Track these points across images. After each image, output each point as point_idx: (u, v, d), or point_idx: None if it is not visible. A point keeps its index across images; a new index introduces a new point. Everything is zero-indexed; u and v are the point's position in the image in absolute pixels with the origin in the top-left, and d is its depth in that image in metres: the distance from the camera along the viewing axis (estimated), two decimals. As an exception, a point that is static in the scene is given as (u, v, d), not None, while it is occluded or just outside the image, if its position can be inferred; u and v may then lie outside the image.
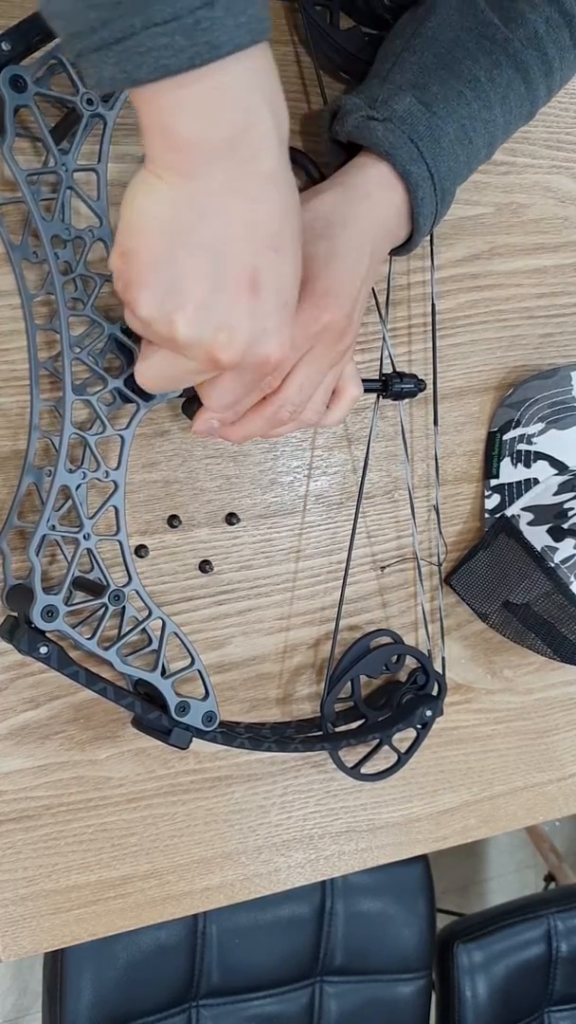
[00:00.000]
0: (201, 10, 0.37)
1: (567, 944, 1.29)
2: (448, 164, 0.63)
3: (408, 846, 0.83)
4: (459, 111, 0.63)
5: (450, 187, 0.64)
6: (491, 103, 0.65)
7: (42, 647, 0.59)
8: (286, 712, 0.77)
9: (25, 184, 0.57)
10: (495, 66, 0.65)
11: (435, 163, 0.62)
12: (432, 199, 0.63)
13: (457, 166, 0.64)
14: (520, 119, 0.68)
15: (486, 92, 0.64)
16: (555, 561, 0.77)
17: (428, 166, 0.62)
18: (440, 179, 0.63)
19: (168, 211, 0.43)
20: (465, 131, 0.64)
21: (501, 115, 0.66)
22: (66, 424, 0.60)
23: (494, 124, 0.66)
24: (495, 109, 0.65)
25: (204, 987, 1.13)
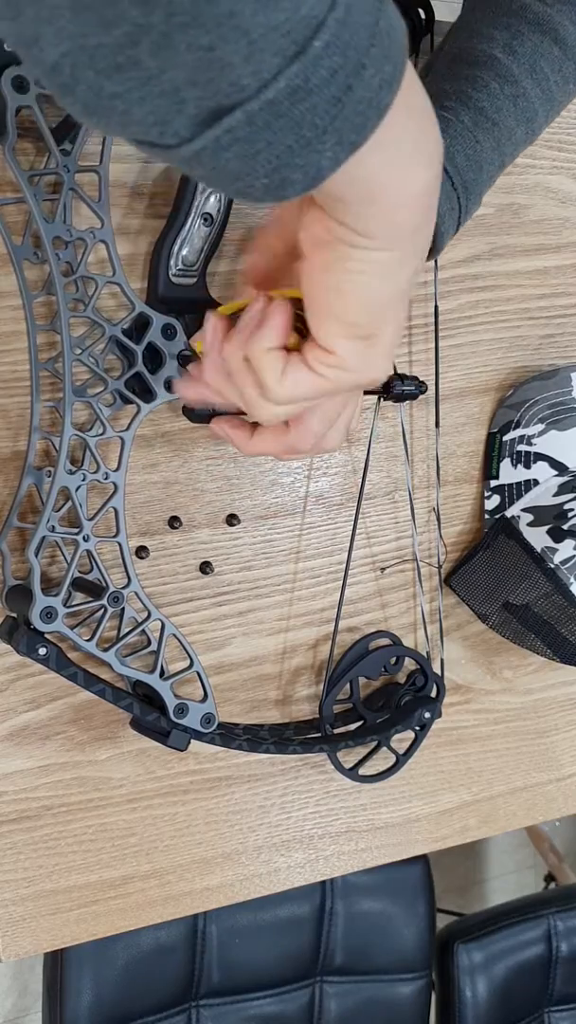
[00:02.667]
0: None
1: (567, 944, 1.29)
2: (465, 153, 0.58)
3: (408, 846, 0.84)
4: (474, 96, 0.59)
5: (474, 178, 0.60)
6: (516, 77, 0.60)
7: (41, 648, 0.59)
8: (285, 713, 0.77)
9: (27, 185, 0.57)
10: (514, 37, 0.60)
11: (447, 155, 0.57)
12: (450, 193, 0.59)
13: (479, 152, 0.59)
14: (568, 83, 0.62)
15: (506, 67, 0.60)
16: (555, 562, 0.77)
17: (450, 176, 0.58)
18: (459, 171, 0.58)
19: (392, 283, 0.41)
20: (484, 114, 0.59)
21: (533, 86, 0.61)
22: (66, 425, 0.60)
23: (525, 98, 0.60)
24: (523, 82, 0.60)
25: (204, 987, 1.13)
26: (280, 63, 0.30)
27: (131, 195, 0.67)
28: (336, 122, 0.32)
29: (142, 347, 0.62)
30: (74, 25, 0.28)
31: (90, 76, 0.30)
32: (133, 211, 0.67)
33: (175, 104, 0.31)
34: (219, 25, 0.28)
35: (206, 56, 0.29)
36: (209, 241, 0.66)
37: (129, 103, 0.30)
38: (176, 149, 0.32)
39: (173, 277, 0.66)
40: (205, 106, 0.31)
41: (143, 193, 0.67)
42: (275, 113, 0.31)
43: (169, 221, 0.66)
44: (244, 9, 0.28)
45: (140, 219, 0.67)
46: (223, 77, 0.30)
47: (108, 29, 0.28)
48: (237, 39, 0.29)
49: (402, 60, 0.34)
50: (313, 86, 0.31)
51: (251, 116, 0.31)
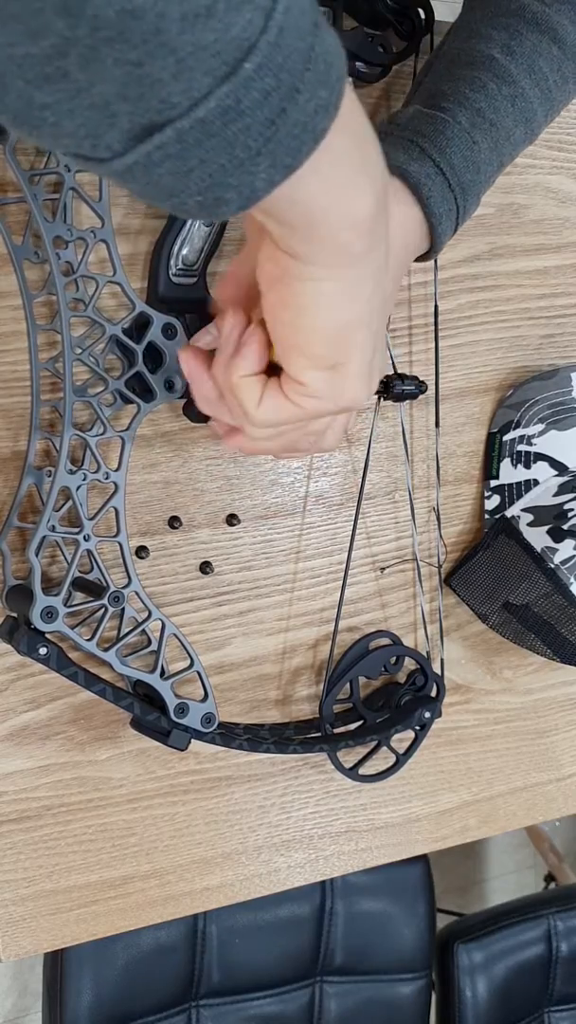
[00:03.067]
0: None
1: (567, 944, 1.29)
2: (462, 154, 0.58)
3: (408, 846, 0.84)
4: (472, 96, 0.59)
5: (472, 179, 0.59)
6: (514, 77, 0.59)
7: (41, 648, 0.59)
8: (285, 713, 0.77)
9: (27, 184, 0.57)
10: (513, 37, 0.60)
11: (444, 156, 0.57)
12: (447, 194, 0.58)
13: (476, 153, 0.59)
14: (567, 82, 0.62)
15: (504, 67, 0.59)
16: (555, 562, 0.77)
17: (435, 161, 0.57)
18: (456, 172, 0.58)
19: (347, 310, 0.41)
20: (482, 115, 0.59)
21: (531, 86, 0.60)
22: (67, 425, 0.60)
23: (523, 98, 0.60)
24: (521, 82, 0.60)
25: (204, 987, 1.13)
26: (210, 83, 0.30)
27: (131, 195, 0.66)
28: (270, 144, 0.32)
29: (142, 347, 0.62)
30: (1, 35, 0.28)
31: (19, 85, 0.29)
32: (133, 211, 0.67)
33: (106, 118, 0.31)
34: (145, 42, 0.28)
35: (135, 71, 0.29)
36: (209, 241, 0.66)
37: (59, 115, 0.30)
38: (108, 163, 0.32)
39: (173, 277, 0.66)
40: (136, 121, 0.31)
41: (143, 193, 0.67)
42: (206, 132, 0.31)
43: (169, 221, 0.66)
44: (171, 27, 0.28)
45: (140, 219, 0.67)
46: (153, 93, 0.30)
47: (35, 40, 0.28)
48: (164, 56, 0.29)
49: (339, 85, 0.34)
50: (245, 107, 0.31)
51: (182, 134, 0.31)
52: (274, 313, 0.42)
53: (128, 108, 0.30)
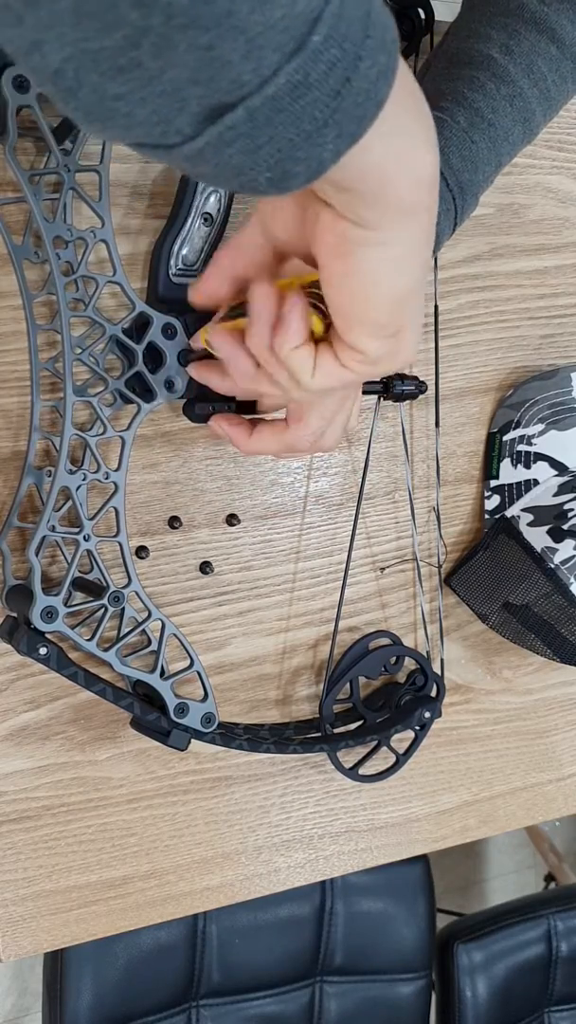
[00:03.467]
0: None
1: (567, 944, 1.29)
2: (461, 154, 0.58)
3: (407, 846, 0.84)
4: (470, 96, 0.59)
5: (470, 178, 0.59)
6: (512, 77, 0.60)
7: (41, 648, 0.59)
8: (285, 713, 0.77)
9: (27, 184, 0.57)
10: (511, 36, 0.60)
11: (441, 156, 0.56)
12: (445, 194, 0.58)
13: (474, 153, 0.59)
14: (566, 82, 0.62)
15: (503, 67, 0.59)
16: (555, 562, 0.77)
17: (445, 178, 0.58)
18: (454, 172, 0.58)
19: (409, 273, 0.42)
20: (480, 115, 0.59)
21: (530, 86, 0.60)
22: (67, 425, 0.60)
23: (522, 97, 0.60)
24: (520, 82, 0.60)
25: (204, 987, 1.13)
26: (279, 59, 0.30)
27: (131, 195, 0.67)
28: (336, 115, 0.32)
29: (142, 347, 0.62)
30: (75, 30, 0.28)
31: (93, 79, 0.30)
32: (133, 211, 0.67)
33: (177, 103, 0.31)
34: (217, 25, 0.28)
35: (206, 55, 0.29)
36: (209, 241, 0.66)
37: (132, 104, 0.31)
38: (179, 148, 0.33)
39: (173, 277, 0.66)
40: (207, 104, 0.31)
41: (143, 193, 0.67)
42: (276, 108, 0.31)
43: (169, 221, 0.66)
44: (241, 8, 0.28)
45: (140, 219, 0.67)
46: (224, 75, 0.30)
47: (109, 32, 0.28)
48: (235, 37, 0.29)
49: (395, 49, 0.34)
50: (313, 80, 0.31)
51: (252, 112, 0.31)
52: (336, 285, 0.42)
53: (199, 91, 0.31)
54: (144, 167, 0.67)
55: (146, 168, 0.67)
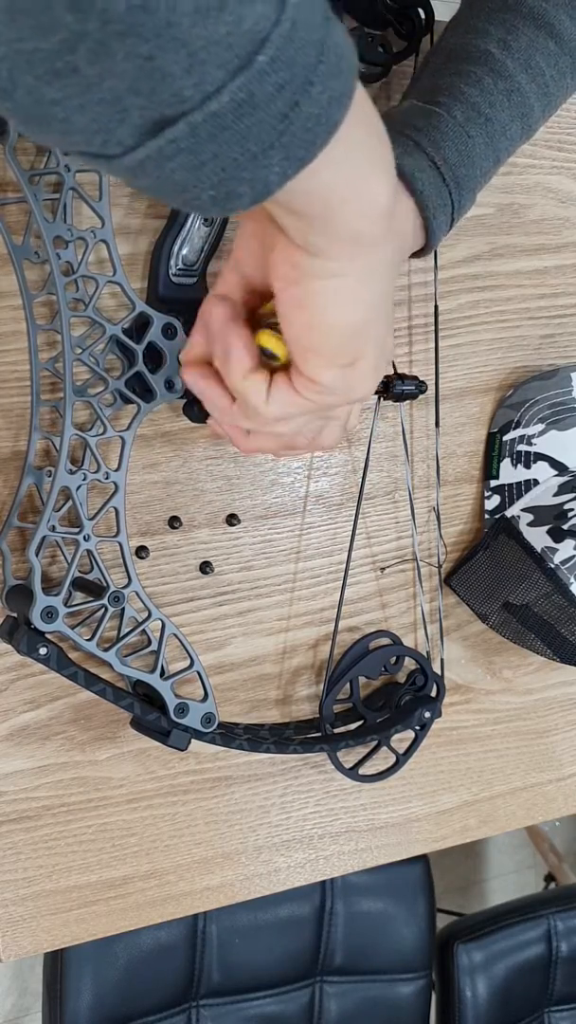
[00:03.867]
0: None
1: (567, 944, 1.29)
2: (456, 148, 0.58)
3: (407, 846, 0.84)
4: (467, 91, 0.58)
5: (467, 173, 0.59)
6: (510, 72, 0.59)
7: (41, 648, 0.59)
8: (285, 713, 0.77)
9: (27, 184, 0.57)
10: (509, 32, 0.60)
11: (438, 150, 0.57)
12: (440, 188, 0.57)
13: (471, 148, 0.58)
14: (564, 77, 0.61)
15: (500, 62, 0.59)
16: (555, 562, 0.77)
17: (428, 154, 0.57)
18: (450, 166, 0.57)
19: (364, 304, 0.42)
20: (477, 109, 0.58)
21: (528, 81, 0.59)
22: (67, 425, 0.60)
23: (520, 93, 0.59)
24: (517, 77, 0.59)
25: (204, 987, 1.13)
26: (223, 76, 0.30)
27: (131, 195, 0.67)
28: (284, 137, 0.32)
29: (142, 347, 0.62)
30: (9, 29, 0.28)
31: (29, 81, 0.29)
32: (133, 211, 0.67)
33: (117, 113, 0.30)
34: (157, 35, 0.28)
35: (146, 65, 0.29)
36: (209, 241, 0.66)
37: (69, 110, 0.30)
38: (120, 159, 0.32)
39: (173, 277, 0.66)
40: (148, 116, 0.30)
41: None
42: (219, 126, 0.31)
43: (169, 221, 0.66)
44: (182, 20, 0.28)
45: (140, 219, 0.67)
46: (164, 87, 0.30)
47: (44, 34, 0.28)
48: (176, 50, 0.28)
49: (351, 77, 0.34)
50: (259, 101, 0.31)
51: (194, 128, 0.31)
52: (290, 315, 0.42)
53: (139, 103, 0.30)
54: (144, 167, 0.67)
55: (146, 168, 0.67)
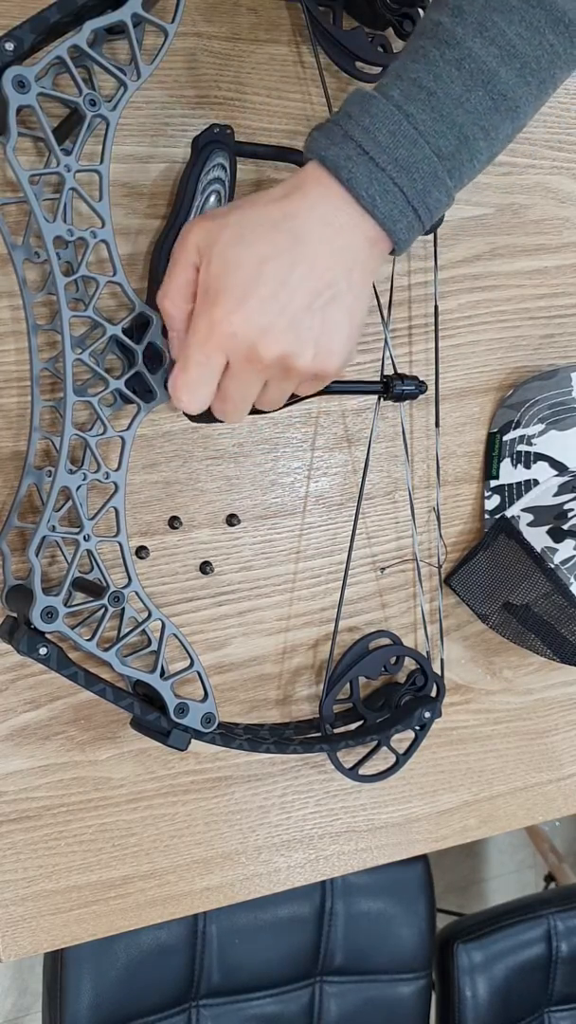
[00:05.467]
0: None
1: (567, 944, 1.29)
2: (389, 130, 0.52)
3: (408, 846, 0.84)
4: (410, 67, 0.53)
5: (409, 153, 0.53)
6: (458, 39, 0.53)
7: (41, 648, 0.59)
8: (285, 713, 0.77)
9: (27, 184, 0.57)
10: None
11: (367, 134, 0.52)
12: (375, 173, 0.52)
13: (410, 127, 0.52)
14: (539, 34, 0.53)
15: (448, 30, 0.53)
16: (555, 562, 0.77)
17: (356, 140, 0.52)
18: (382, 148, 0.52)
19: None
20: (419, 84, 0.53)
21: (483, 45, 0.52)
22: (67, 425, 0.60)
23: (472, 59, 0.53)
24: (467, 43, 0.53)
25: (204, 987, 1.13)
26: None
27: (131, 195, 0.67)
28: None
29: (142, 347, 0.62)
30: None
31: None
32: (133, 211, 0.67)
33: None
34: None
35: None
36: (209, 241, 0.66)
37: None
38: None
39: (173, 277, 0.66)
40: None
41: (143, 193, 0.67)
42: None
43: (169, 221, 0.66)
44: None
45: (140, 219, 0.67)
46: None
47: None
48: None
49: None
50: None
51: None
52: None
53: None
54: (144, 167, 0.67)
55: (146, 168, 0.67)
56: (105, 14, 0.58)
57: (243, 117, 0.70)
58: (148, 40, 0.63)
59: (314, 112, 0.73)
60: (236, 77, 0.70)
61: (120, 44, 0.64)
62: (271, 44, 0.71)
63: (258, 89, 0.71)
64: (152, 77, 0.62)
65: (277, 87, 0.72)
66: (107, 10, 0.58)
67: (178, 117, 0.68)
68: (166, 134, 0.67)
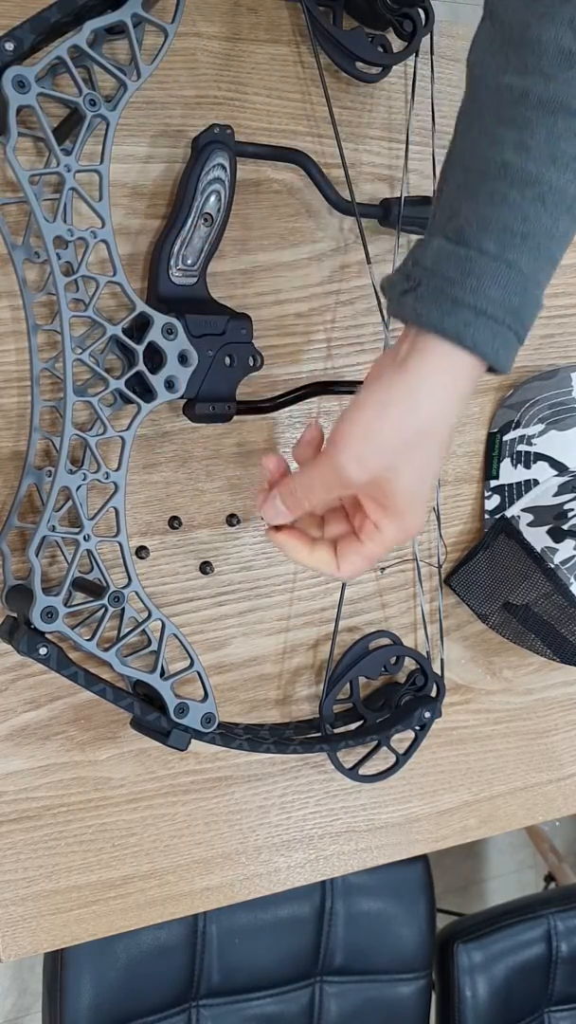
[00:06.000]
0: None
1: (567, 944, 1.29)
2: (498, 283, 0.53)
3: (408, 846, 0.84)
4: (493, 214, 0.54)
5: (522, 299, 0.54)
6: (535, 177, 0.54)
7: (41, 648, 0.59)
8: (285, 713, 0.77)
9: (27, 184, 0.57)
10: (523, 130, 0.53)
11: (479, 296, 0.53)
12: (496, 329, 0.54)
13: (515, 273, 0.54)
14: None
15: (521, 169, 0.54)
16: (555, 562, 0.77)
17: (471, 305, 0.53)
18: (496, 304, 0.53)
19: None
20: (510, 230, 0.54)
21: (559, 174, 0.54)
22: (67, 425, 0.60)
23: (555, 191, 0.54)
24: (546, 176, 0.54)
25: (204, 987, 1.13)
26: None
27: (131, 195, 0.67)
28: None
29: (143, 347, 0.62)
30: None
31: None
32: (133, 211, 0.67)
33: None
34: None
35: None
36: (209, 241, 0.66)
37: None
38: None
39: (173, 277, 0.66)
40: None
41: (143, 193, 0.67)
42: None
43: (169, 221, 0.66)
44: None
45: (140, 219, 0.67)
46: None
47: None
48: None
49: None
50: None
51: None
52: None
53: None
54: (144, 167, 0.67)
55: (146, 168, 0.67)
56: (105, 14, 0.58)
57: (243, 117, 0.70)
58: (148, 40, 0.63)
59: (314, 112, 0.73)
60: (236, 77, 0.70)
61: (120, 44, 0.64)
62: (271, 44, 0.71)
63: (258, 89, 0.71)
64: (152, 77, 0.62)
65: (277, 87, 0.72)
66: (107, 10, 0.58)
67: (178, 117, 0.68)
68: (166, 134, 0.67)
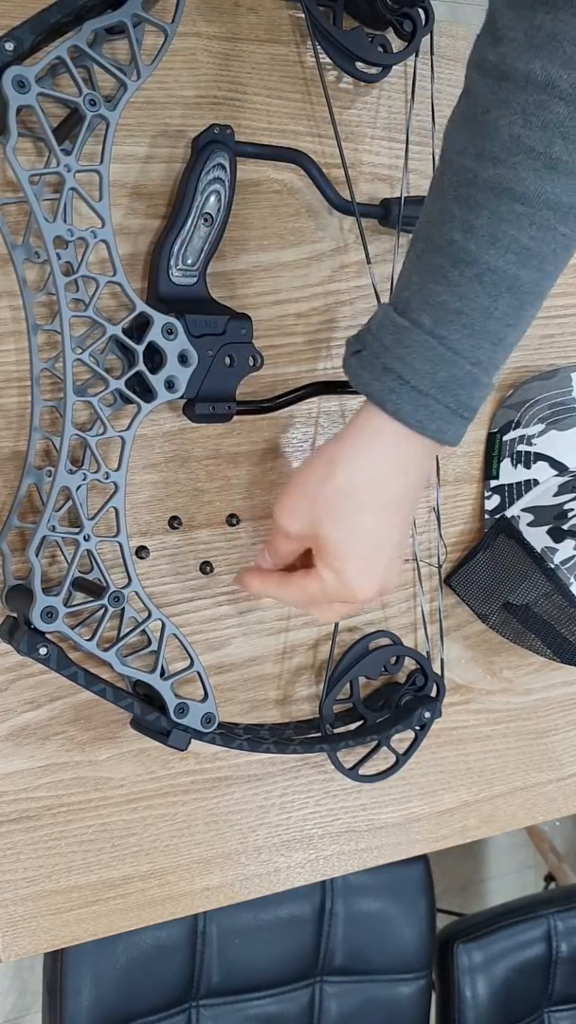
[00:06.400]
0: None
1: (567, 944, 1.29)
2: (425, 356, 0.55)
3: (408, 846, 0.84)
4: (434, 290, 0.55)
5: (448, 375, 0.56)
6: (473, 256, 0.55)
7: (41, 648, 0.59)
8: (285, 713, 0.77)
9: (27, 184, 0.57)
10: (471, 210, 0.54)
11: (405, 365, 0.55)
12: (419, 399, 0.55)
13: (445, 348, 0.55)
14: (549, 231, 0.54)
15: (462, 248, 0.55)
16: (555, 562, 0.77)
17: (397, 373, 0.55)
18: (421, 376, 0.55)
19: None
20: (445, 307, 0.55)
21: (497, 256, 0.54)
22: (67, 425, 0.60)
23: (492, 272, 0.55)
24: (483, 257, 0.55)
25: (204, 987, 1.13)
26: None
27: (131, 195, 0.67)
28: None
29: (143, 347, 0.62)
30: None
31: None
32: (133, 211, 0.67)
33: None
34: None
35: None
36: (209, 241, 0.66)
37: None
38: None
39: (173, 277, 0.66)
40: None
41: (143, 193, 0.67)
42: None
43: (169, 221, 0.66)
44: None
45: (140, 219, 0.67)
46: None
47: None
48: None
49: None
50: None
51: None
52: None
53: None
54: (144, 167, 0.67)
55: (146, 168, 0.67)
56: (105, 14, 0.58)
57: (243, 117, 0.70)
58: (148, 40, 0.63)
59: (314, 112, 0.73)
60: (236, 77, 0.70)
61: (120, 44, 0.64)
62: (271, 44, 0.71)
63: (258, 89, 0.71)
64: (152, 77, 0.62)
65: (277, 87, 0.72)
66: (107, 10, 0.58)
67: (178, 117, 0.68)
68: (166, 134, 0.67)
